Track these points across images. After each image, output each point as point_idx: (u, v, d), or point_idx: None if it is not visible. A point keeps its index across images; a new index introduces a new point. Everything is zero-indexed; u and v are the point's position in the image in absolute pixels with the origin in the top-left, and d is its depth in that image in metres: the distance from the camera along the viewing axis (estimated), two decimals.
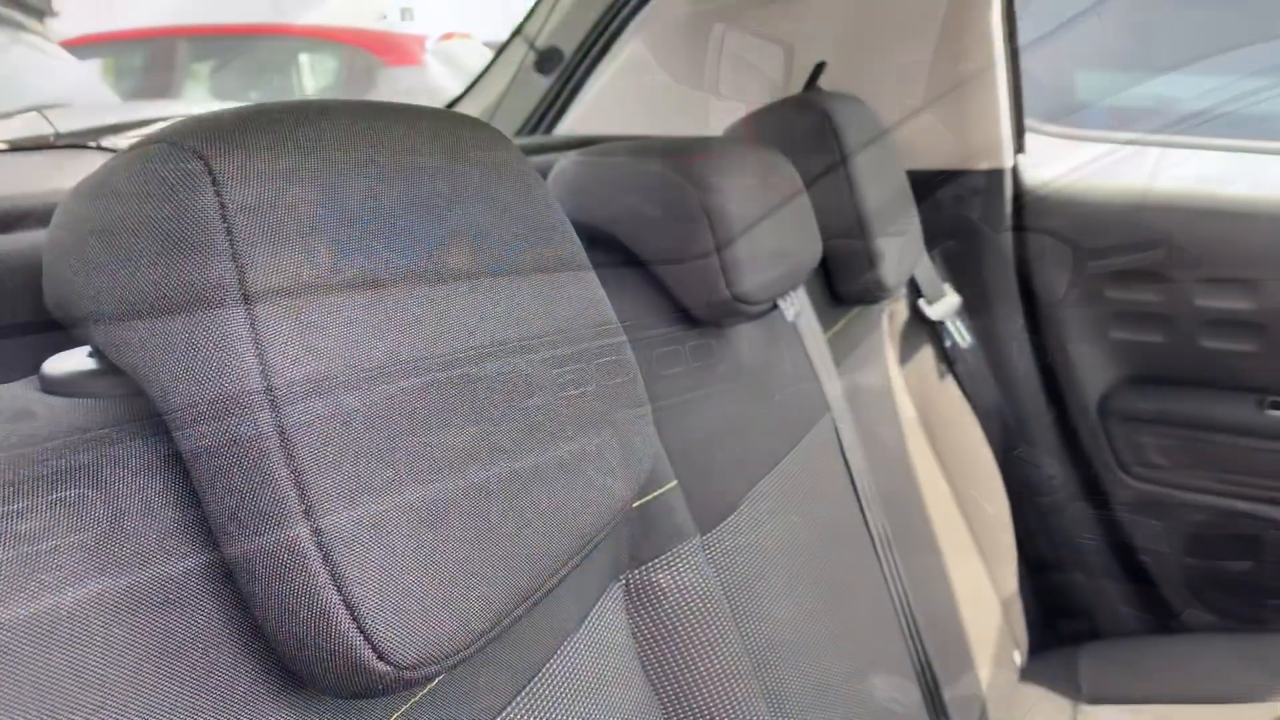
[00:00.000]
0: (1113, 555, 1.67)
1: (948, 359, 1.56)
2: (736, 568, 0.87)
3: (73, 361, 0.54)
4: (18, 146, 1.20)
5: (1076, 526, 1.66)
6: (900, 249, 1.28)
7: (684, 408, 0.86)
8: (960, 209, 1.60)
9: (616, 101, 1.61)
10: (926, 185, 1.54)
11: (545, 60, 1.65)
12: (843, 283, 1.22)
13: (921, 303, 1.51)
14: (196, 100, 5.30)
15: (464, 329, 0.52)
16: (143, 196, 0.45)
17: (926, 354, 1.53)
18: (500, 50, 1.68)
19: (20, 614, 0.41)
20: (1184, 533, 1.61)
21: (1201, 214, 1.54)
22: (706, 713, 0.79)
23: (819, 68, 1.54)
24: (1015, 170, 1.61)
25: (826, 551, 1.00)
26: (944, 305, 1.53)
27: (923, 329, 1.53)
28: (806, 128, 1.19)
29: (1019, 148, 1.63)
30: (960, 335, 1.53)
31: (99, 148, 1.23)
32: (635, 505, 0.78)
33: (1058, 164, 1.63)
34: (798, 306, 1.05)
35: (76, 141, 1.25)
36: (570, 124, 1.65)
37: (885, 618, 1.08)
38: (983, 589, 1.46)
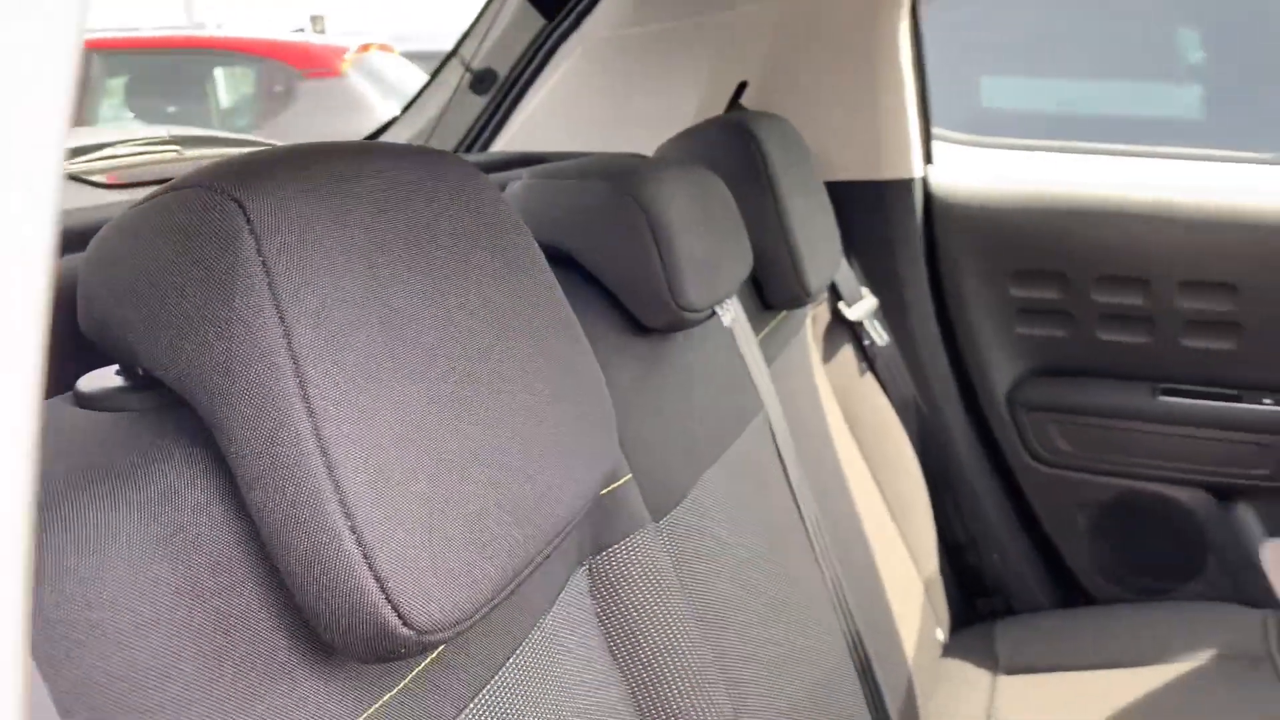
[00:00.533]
0: (1024, 536, 1.79)
1: (867, 357, 1.66)
2: (687, 551, 0.95)
3: (105, 379, 0.60)
4: None
5: (990, 511, 1.78)
6: (822, 257, 1.37)
7: (635, 408, 0.94)
8: (875, 217, 1.71)
9: (550, 120, 1.69)
10: (844, 196, 1.64)
11: (480, 81, 1.72)
12: (771, 290, 1.32)
13: (841, 305, 1.61)
14: (123, 120, 5.24)
15: (461, 340, 0.59)
16: (184, 235, 0.52)
17: (847, 353, 1.63)
18: (436, 72, 1.74)
19: (108, 596, 0.48)
20: (1089, 513, 1.74)
21: (1096, 216, 1.67)
22: (665, 683, 0.88)
23: (741, 87, 1.63)
24: (925, 180, 1.72)
25: (766, 536, 1.09)
26: (862, 307, 1.64)
27: (843, 330, 1.63)
28: (735, 147, 1.28)
29: (927, 158, 1.74)
30: (878, 335, 1.64)
31: None
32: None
33: (963, 172, 1.75)
34: (733, 313, 1.14)
35: None
36: (505, 142, 1.72)
37: (820, 597, 1.18)
38: (906, 571, 1.56)
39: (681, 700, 0.87)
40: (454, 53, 1.72)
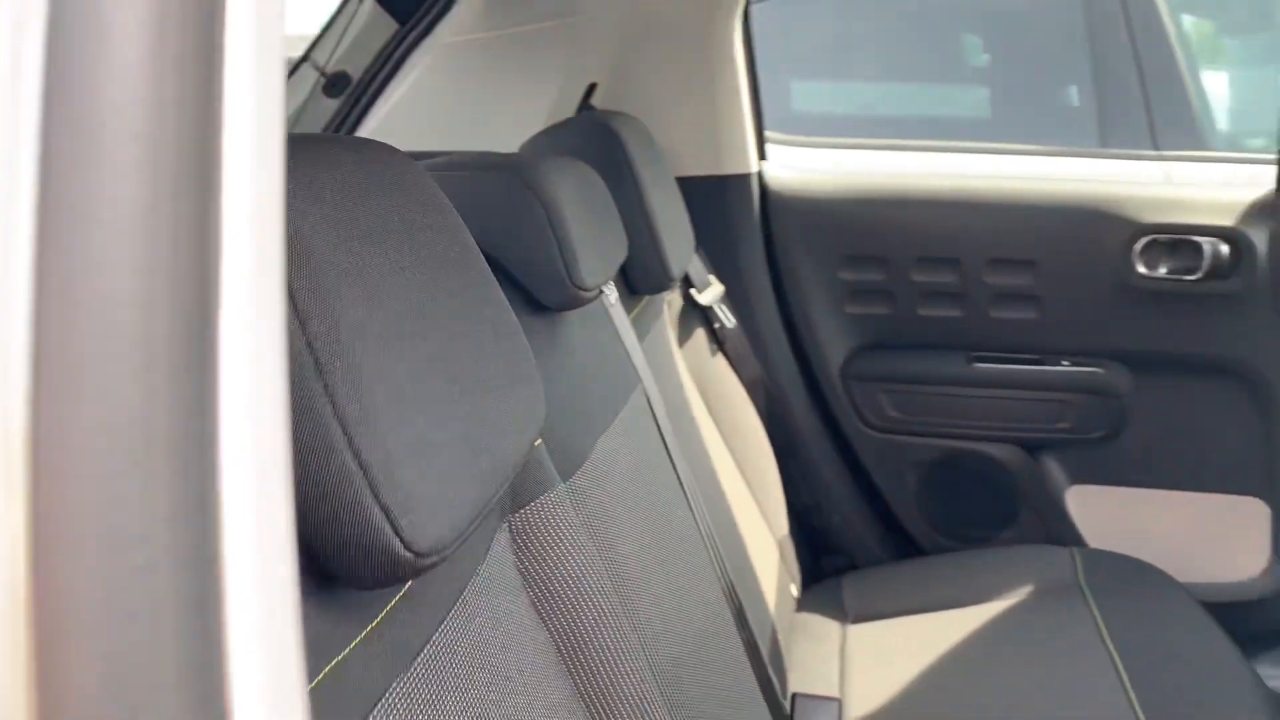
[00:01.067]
0: (861, 497, 1.96)
1: (717, 339, 1.79)
2: (592, 507, 1.04)
3: None
4: None
5: (830, 475, 1.94)
6: (680, 245, 1.49)
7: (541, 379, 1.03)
8: (717, 209, 1.84)
9: (404, 122, 1.75)
10: (688, 190, 1.76)
11: (333, 84, 1.76)
12: (637, 276, 1.42)
13: (693, 292, 1.73)
14: None
15: (424, 308, 0.67)
16: None
17: (700, 336, 1.75)
18: (288, 75, 1.77)
19: None
20: (917, 472, 1.92)
21: (912, 204, 1.85)
22: (579, 627, 0.96)
23: (591, 88, 1.73)
24: (760, 175, 1.87)
25: (653, 495, 1.20)
26: (711, 293, 1.76)
27: (695, 314, 1.76)
28: (600, 144, 1.38)
29: (761, 154, 1.88)
30: (726, 318, 1.77)
31: None
32: None
33: (793, 166, 1.90)
34: (614, 295, 1.24)
35: None
36: None
37: (699, 553, 1.29)
38: (762, 533, 1.69)
39: (598, 645, 0.96)
40: (306, 57, 1.76)
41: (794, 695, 1.45)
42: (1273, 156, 1.77)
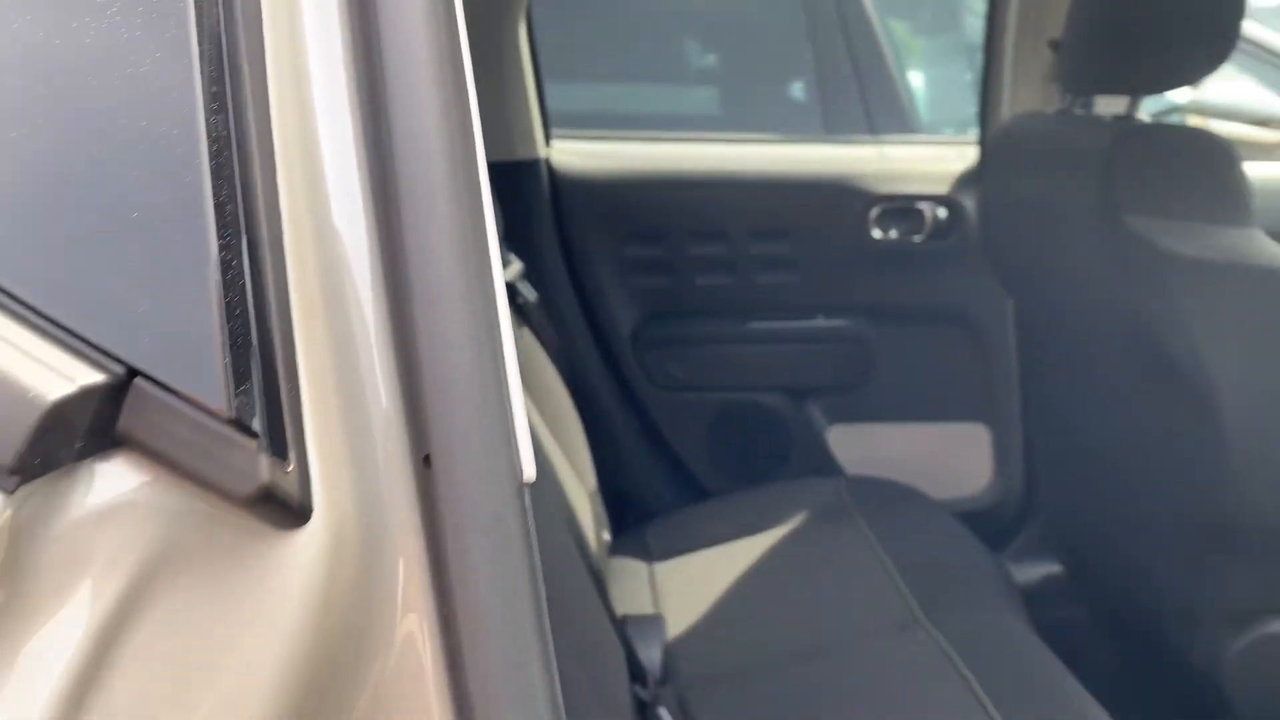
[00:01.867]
0: (656, 451, 2.15)
1: (521, 312, 1.93)
2: None
3: None
4: None
5: (627, 434, 2.12)
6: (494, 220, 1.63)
7: None
8: (512, 192, 1.98)
9: None
10: (490, 173, 1.90)
11: None
12: None
13: None
14: None
15: None
16: None
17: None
18: None
19: None
20: (702, 424, 2.14)
21: (683, 186, 2.07)
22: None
23: None
24: (548, 160, 2.03)
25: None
26: (512, 270, 1.90)
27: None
28: None
29: (547, 141, 2.05)
30: (528, 292, 1.91)
31: None
32: None
33: (577, 152, 2.07)
34: None
35: None
36: None
37: (545, 485, 1.44)
38: (575, 487, 1.86)
39: None
40: None
41: (624, 616, 1.62)
42: (972, 138, 2.12)
